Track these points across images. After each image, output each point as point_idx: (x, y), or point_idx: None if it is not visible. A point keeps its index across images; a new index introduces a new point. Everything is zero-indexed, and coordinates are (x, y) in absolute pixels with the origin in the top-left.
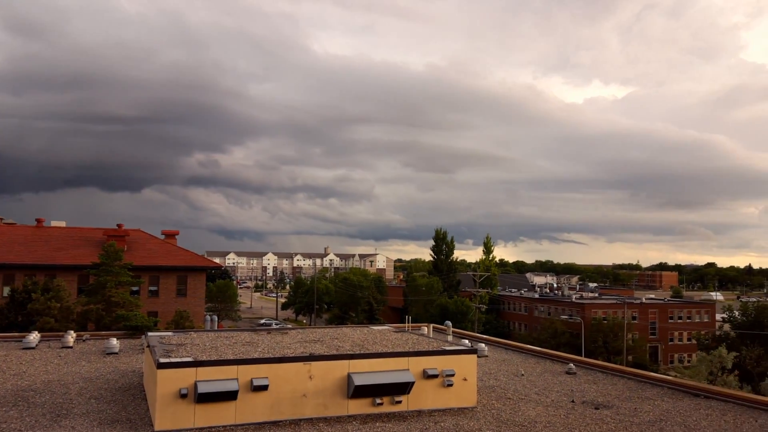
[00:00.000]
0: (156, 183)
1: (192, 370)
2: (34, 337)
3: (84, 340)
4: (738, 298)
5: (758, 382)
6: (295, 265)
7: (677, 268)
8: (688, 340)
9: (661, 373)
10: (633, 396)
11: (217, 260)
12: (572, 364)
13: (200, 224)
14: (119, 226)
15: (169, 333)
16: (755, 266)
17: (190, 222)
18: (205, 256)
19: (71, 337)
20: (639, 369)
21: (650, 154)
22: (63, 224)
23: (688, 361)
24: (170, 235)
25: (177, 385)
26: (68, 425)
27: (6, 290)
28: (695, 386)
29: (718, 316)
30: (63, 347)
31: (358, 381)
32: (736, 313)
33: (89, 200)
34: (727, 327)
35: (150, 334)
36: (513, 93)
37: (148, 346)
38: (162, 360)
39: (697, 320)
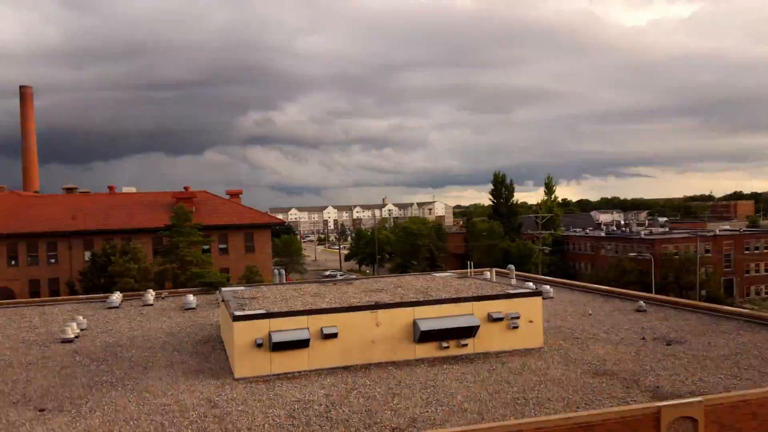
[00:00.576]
0: (216, 144)
1: (266, 321)
2: (117, 297)
3: (163, 298)
4: None
5: None
6: (354, 217)
7: (753, 196)
8: (766, 271)
9: (736, 307)
10: (707, 330)
11: (279, 216)
12: (642, 302)
13: (261, 182)
14: (186, 188)
15: (242, 287)
16: None
17: (252, 181)
18: (269, 213)
19: (151, 295)
20: (713, 303)
21: (722, 76)
22: (133, 190)
23: (766, 293)
24: (234, 195)
25: (252, 336)
26: (155, 376)
27: (87, 255)
28: None
29: None
30: (144, 305)
31: (424, 327)
32: None
33: (155, 165)
34: None
35: (224, 289)
36: (569, 21)
37: (223, 301)
38: (237, 313)
39: None
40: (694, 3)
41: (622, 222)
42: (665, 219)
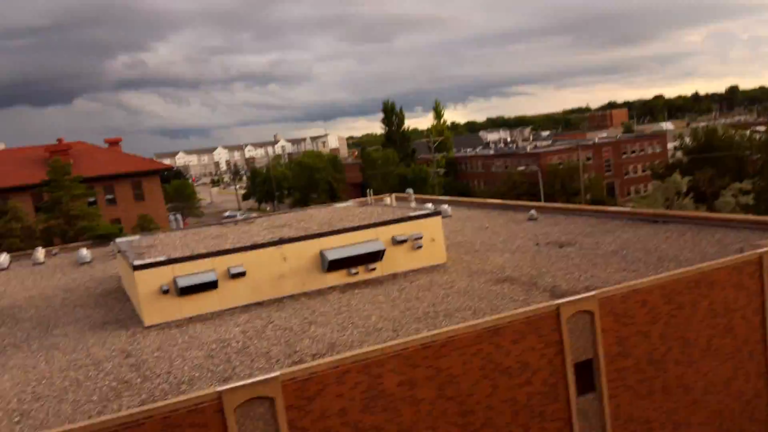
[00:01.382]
0: (86, 92)
1: (168, 267)
2: (3, 258)
3: (54, 255)
4: (687, 125)
5: (712, 202)
6: (247, 156)
7: (627, 105)
8: (643, 171)
9: (619, 206)
10: (594, 231)
11: (167, 161)
12: (533, 211)
13: (141, 128)
14: (59, 140)
15: (137, 237)
16: (701, 92)
17: (131, 127)
18: (155, 159)
19: (41, 253)
20: (598, 206)
21: None
22: (2, 146)
23: (645, 192)
24: (114, 143)
25: (157, 283)
26: (61, 333)
27: None
28: (653, 213)
29: (670, 145)
30: (35, 264)
31: (331, 256)
32: (687, 139)
33: (21, 119)
34: (679, 154)
35: (118, 240)
36: None
37: (120, 252)
38: (137, 262)
39: (650, 152)
40: None
41: (509, 139)
42: (548, 133)
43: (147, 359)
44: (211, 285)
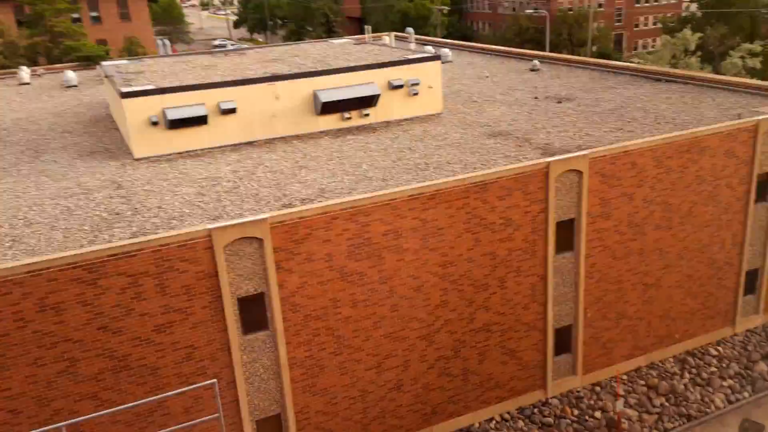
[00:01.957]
0: None
1: (157, 97)
2: None
3: (40, 75)
4: None
5: (719, 62)
6: None
7: None
8: (654, 24)
9: (624, 62)
10: (595, 87)
11: None
12: (536, 61)
13: None
14: None
15: (124, 61)
16: None
17: None
18: None
19: (26, 73)
20: (602, 59)
21: None
22: None
23: (653, 47)
24: None
25: (146, 114)
26: (50, 159)
27: None
28: (657, 71)
29: None
30: (20, 84)
31: (325, 97)
32: None
33: None
34: (693, 7)
35: (105, 63)
36: None
37: (107, 77)
38: (125, 89)
39: (664, 2)
40: None
41: None
42: None
43: (138, 192)
44: (202, 120)
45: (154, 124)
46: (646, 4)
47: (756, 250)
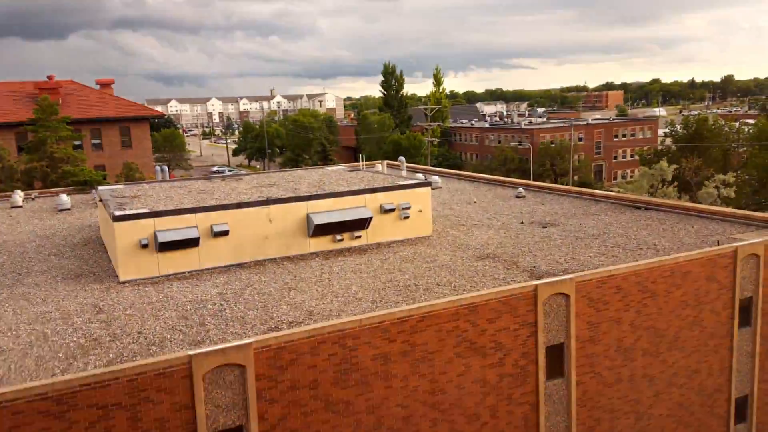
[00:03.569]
0: (81, 28)
1: (150, 220)
2: None
3: (33, 199)
4: (680, 112)
5: (696, 192)
6: (241, 109)
7: (623, 86)
8: (632, 156)
9: (605, 190)
10: (578, 213)
11: (158, 108)
12: (521, 188)
13: (135, 71)
14: (50, 77)
15: (120, 186)
16: (698, 79)
17: (124, 69)
18: (146, 105)
19: (19, 196)
20: (584, 188)
21: None
22: None
23: (631, 177)
24: (105, 85)
25: (136, 236)
26: (31, 282)
27: None
28: (636, 199)
29: (661, 131)
30: (12, 207)
31: (318, 220)
32: (678, 127)
33: (12, 52)
34: (668, 141)
35: (101, 188)
36: None
37: (101, 200)
38: (117, 213)
39: (640, 137)
40: None
41: (505, 113)
42: (543, 109)
43: (119, 316)
44: (193, 242)
45: (144, 246)
46: (623, 138)
47: (744, 377)
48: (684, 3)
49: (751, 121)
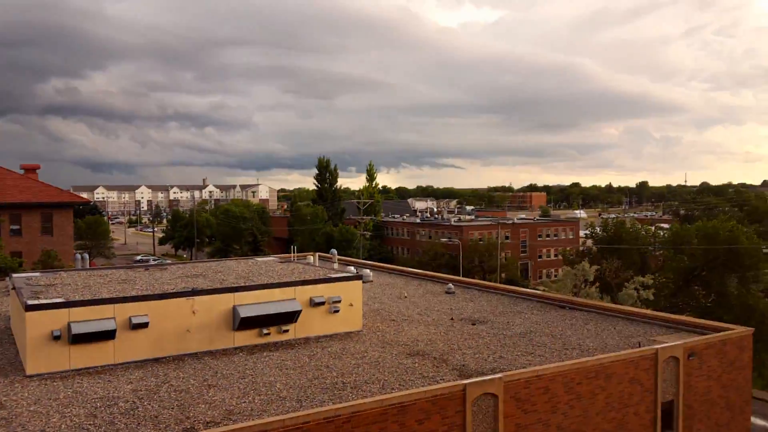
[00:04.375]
0: (9, 113)
1: (64, 311)
2: None
3: None
4: (599, 215)
5: (616, 293)
6: (171, 198)
7: (546, 188)
8: (555, 256)
9: (531, 288)
10: (506, 311)
11: (84, 195)
12: (451, 284)
13: (63, 157)
14: None
15: (37, 273)
16: (615, 184)
17: (51, 155)
18: (71, 191)
19: None
20: (511, 285)
21: (522, 78)
22: None
23: (556, 276)
24: (30, 170)
25: (48, 327)
26: None
27: None
28: (561, 299)
29: (582, 233)
30: None
31: (244, 313)
32: (598, 229)
33: None
34: (589, 242)
35: (15, 275)
36: (387, 14)
37: (14, 288)
38: (30, 302)
39: (563, 237)
40: (498, 9)
41: (435, 209)
42: (472, 208)
43: (21, 413)
44: (109, 334)
45: (57, 338)
46: (547, 238)
47: None
48: (600, 112)
49: (665, 225)
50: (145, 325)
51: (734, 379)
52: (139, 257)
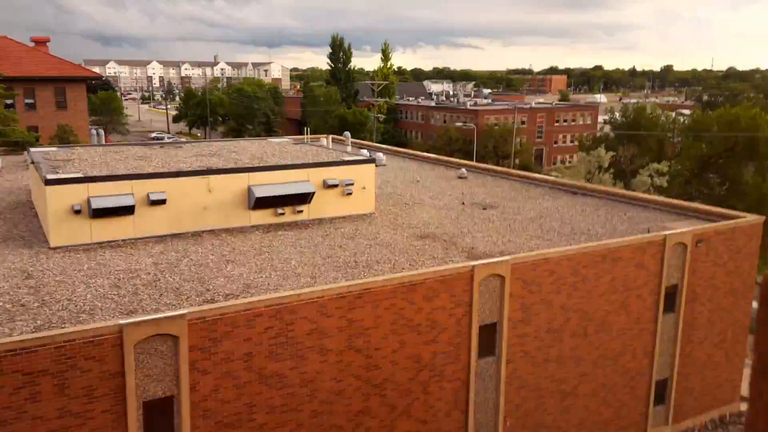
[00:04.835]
0: None
1: (83, 186)
2: None
3: None
4: (620, 100)
5: (630, 179)
6: (183, 74)
7: (567, 71)
8: (572, 142)
9: (543, 175)
10: (517, 196)
11: (96, 70)
12: (464, 169)
13: (72, 29)
14: None
15: (54, 148)
16: (639, 68)
17: (61, 27)
18: (83, 66)
19: None
20: (524, 171)
21: None
22: None
23: (570, 162)
24: (41, 42)
25: (69, 201)
26: None
27: None
28: (573, 185)
29: (600, 118)
30: None
31: (259, 193)
32: (617, 114)
33: None
34: (607, 128)
35: (33, 150)
36: None
37: (33, 163)
38: (50, 176)
39: (581, 123)
40: None
41: (451, 92)
42: (489, 91)
43: (48, 282)
44: (128, 210)
45: (77, 212)
46: (564, 124)
47: (665, 361)
48: None
49: (687, 112)
50: (162, 201)
51: (739, 265)
52: (153, 134)
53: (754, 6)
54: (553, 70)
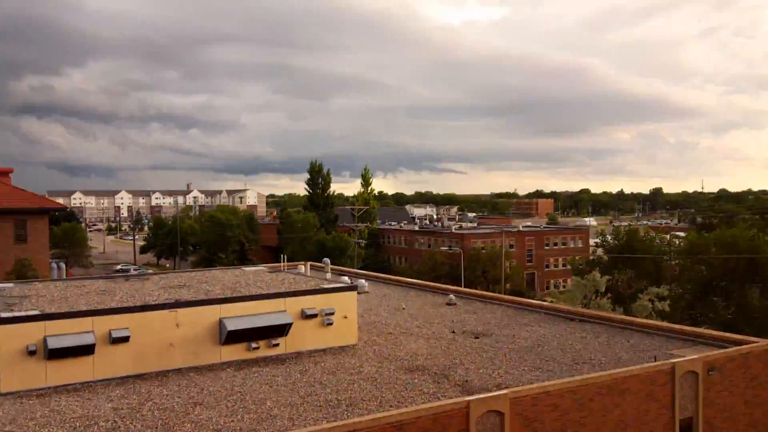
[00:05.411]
0: None
1: (40, 324)
2: None
3: None
4: (610, 222)
5: (629, 304)
6: (153, 203)
7: (553, 195)
8: (564, 265)
9: (537, 300)
10: (511, 323)
11: (60, 200)
12: (452, 295)
13: (37, 160)
14: None
15: (10, 284)
16: (627, 191)
17: (25, 157)
18: (47, 197)
19: None
20: (516, 296)
21: (527, 79)
22: None
23: (564, 287)
24: (4, 173)
25: (23, 342)
26: None
27: None
28: (570, 311)
29: (592, 241)
30: None
31: (231, 326)
32: (609, 237)
33: None
34: (600, 251)
35: None
36: (387, 11)
37: None
38: (3, 315)
39: (571, 246)
40: (503, 6)
41: (435, 216)
42: (474, 215)
43: None
44: (87, 349)
45: (32, 353)
46: (555, 247)
47: None
48: (611, 116)
49: (681, 233)
50: (125, 339)
51: (758, 394)
52: (119, 267)
53: (736, 132)
54: (538, 194)
